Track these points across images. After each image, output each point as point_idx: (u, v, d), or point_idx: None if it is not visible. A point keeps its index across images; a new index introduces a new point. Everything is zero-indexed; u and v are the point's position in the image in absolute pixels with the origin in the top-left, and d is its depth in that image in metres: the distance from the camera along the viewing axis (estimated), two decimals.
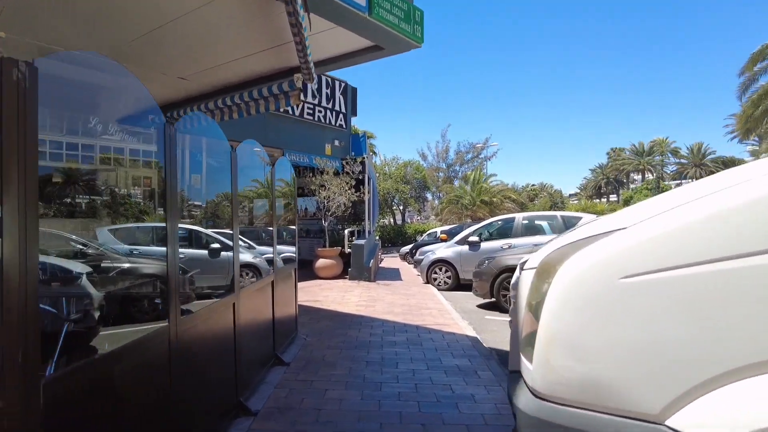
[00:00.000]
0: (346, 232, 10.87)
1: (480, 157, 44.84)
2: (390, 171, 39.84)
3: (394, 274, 14.28)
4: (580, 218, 10.67)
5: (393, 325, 6.25)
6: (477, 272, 8.63)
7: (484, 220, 29.75)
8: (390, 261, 23.62)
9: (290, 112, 11.13)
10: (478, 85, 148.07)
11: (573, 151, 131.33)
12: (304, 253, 13.35)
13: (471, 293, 10.51)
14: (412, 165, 42.07)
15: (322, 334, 5.73)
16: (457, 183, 43.53)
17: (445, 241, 19.38)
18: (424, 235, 24.76)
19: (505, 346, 5.33)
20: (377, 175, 36.28)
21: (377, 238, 28.59)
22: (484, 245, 10.88)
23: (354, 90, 13.26)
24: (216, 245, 6.27)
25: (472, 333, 5.91)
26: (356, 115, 13.33)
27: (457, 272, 11.08)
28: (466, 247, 11.03)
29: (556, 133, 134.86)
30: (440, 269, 11.34)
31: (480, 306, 8.65)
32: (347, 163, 11.39)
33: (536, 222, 11.26)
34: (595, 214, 19.17)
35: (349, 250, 10.69)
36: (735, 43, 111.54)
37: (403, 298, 8.62)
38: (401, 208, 41.22)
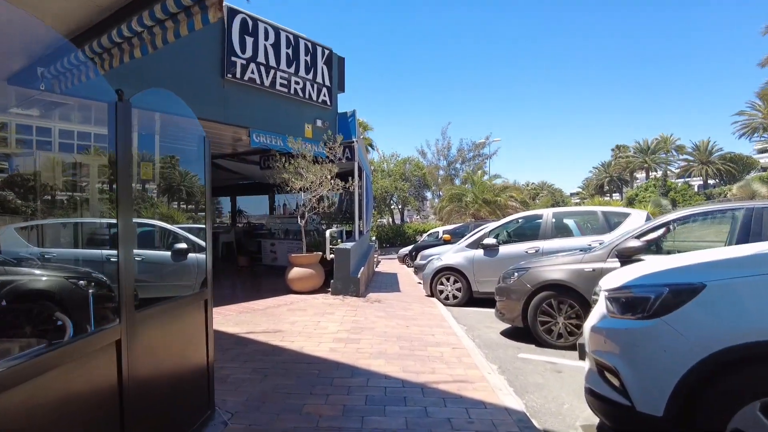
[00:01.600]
0: (327, 233, 8.51)
1: (481, 154, 42.96)
2: (389, 168, 37.56)
3: (390, 282, 11.94)
4: (626, 214, 8.34)
5: (384, 385, 3.89)
6: (503, 289, 6.29)
7: (486, 220, 27.75)
8: (388, 264, 21.32)
9: (258, 81, 8.79)
10: (478, 83, 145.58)
11: (573, 149, 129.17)
12: (282, 258, 11.03)
13: (486, 310, 8.19)
14: (412, 162, 39.82)
15: (261, 408, 3.38)
16: (458, 182, 41.45)
17: (448, 242, 17.15)
18: (425, 235, 22.33)
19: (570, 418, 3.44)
20: (373, 170, 33.97)
21: (373, 239, 26.27)
22: (504, 250, 8.56)
23: (341, 60, 10.92)
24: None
25: (513, 402, 3.56)
26: (344, 91, 11.00)
27: (468, 283, 8.76)
28: (479, 252, 8.70)
29: (556, 131, 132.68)
30: (447, 279, 9.02)
31: (506, 334, 6.32)
32: (330, 148, 9.04)
33: (570, 220, 8.94)
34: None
35: (332, 256, 8.34)
36: (744, 39, 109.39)
37: (401, 325, 6.29)
38: (400, 207, 38.90)
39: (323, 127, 10.20)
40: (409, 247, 21.45)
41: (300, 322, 6.12)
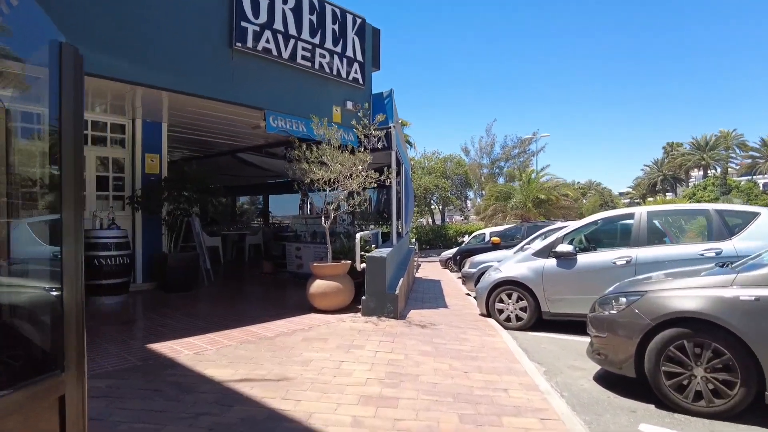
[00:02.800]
0: (357, 237, 6.82)
1: (528, 152, 40.51)
2: (429, 165, 35.70)
3: (434, 293, 10.19)
4: (753, 214, 6.27)
5: None
6: (602, 320, 4.42)
7: (532, 221, 25.53)
8: (429, 268, 19.56)
9: (274, 52, 7.23)
10: (523, 79, 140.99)
11: (620, 148, 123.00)
12: (307, 266, 9.46)
13: (562, 337, 6.32)
14: (453, 160, 37.82)
15: None
16: (502, 180, 39.14)
17: (497, 246, 15.21)
18: (469, 237, 20.34)
19: None
20: (411, 167, 32.20)
21: (413, 240, 24.47)
22: (584, 259, 6.66)
23: (376, 32, 9.24)
24: None
25: None
26: (379, 68, 9.35)
27: (536, 302, 6.90)
28: (551, 262, 6.83)
29: (602, 128, 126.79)
30: (509, 296, 7.17)
31: (604, 382, 4.46)
32: (365, 129, 7.35)
33: (671, 221, 6.93)
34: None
35: (363, 266, 6.67)
36: None
37: (458, 369, 4.52)
38: (440, 206, 36.96)
39: (354, 109, 8.55)
40: (453, 250, 19.59)
41: (316, 362, 4.46)
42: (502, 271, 7.39)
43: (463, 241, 32.10)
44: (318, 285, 6.58)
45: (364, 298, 6.52)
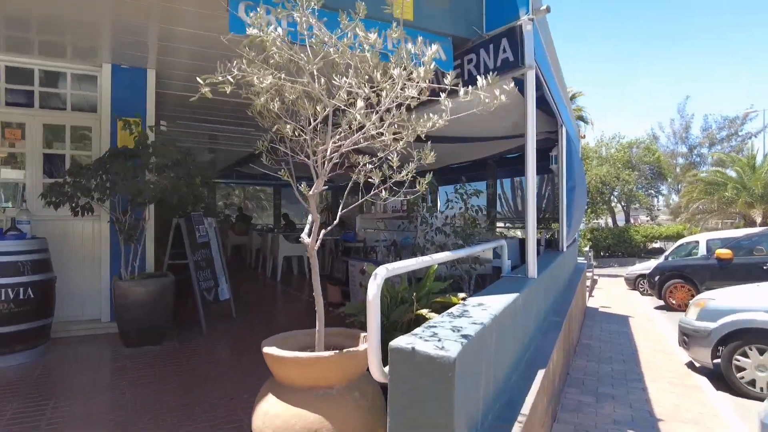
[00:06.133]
0: (373, 280, 2.39)
1: (740, 134, 30.67)
2: (608, 153, 28.47)
3: (620, 361, 5.29)
4: None
5: None
6: None
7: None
8: (607, 286, 13.93)
9: None
10: (726, 43, 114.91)
11: None
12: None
13: None
14: (640, 145, 29.83)
15: None
16: (704, 169, 29.77)
17: (725, 261, 9.84)
18: (673, 245, 13.74)
19: None
20: (584, 157, 25.55)
21: (585, 250, 18.15)
22: None
23: None
24: None
25: None
26: None
27: None
28: None
29: None
30: None
31: None
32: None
33: None
34: None
35: (383, 378, 2.22)
36: None
37: None
38: (623, 204, 29.34)
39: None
40: (648, 264, 13.53)
41: None
42: None
43: (659, 249, 24.44)
44: (270, 412, 2.36)
45: None
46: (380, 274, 2.06)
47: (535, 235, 4.01)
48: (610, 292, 13.45)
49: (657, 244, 25.58)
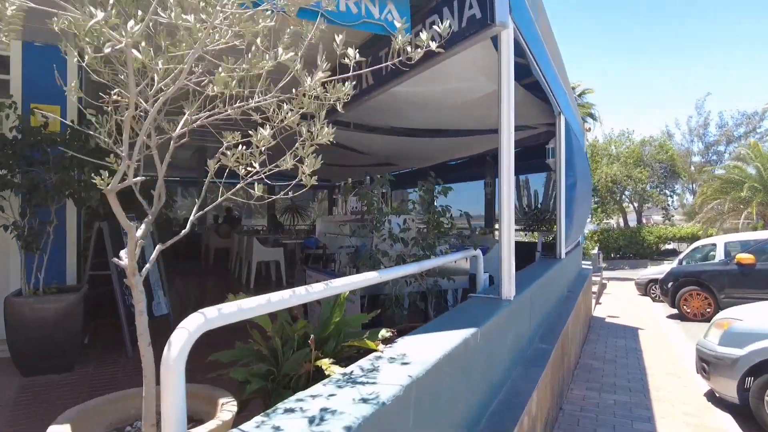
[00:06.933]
0: None
1: (758, 130, 29.56)
2: (618, 151, 27.24)
3: (625, 389, 4.27)
4: None
5: None
6: None
7: None
8: (617, 291, 12.97)
9: None
10: (745, 38, 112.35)
11: None
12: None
13: None
14: (653, 143, 28.52)
15: None
16: (721, 165, 28.42)
17: (747, 267, 8.93)
18: (688, 248, 12.66)
19: None
20: (593, 155, 24.45)
21: (593, 252, 17.10)
22: None
23: None
24: None
25: None
26: None
27: None
28: None
29: None
30: None
31: None
32: None
33: None
34: None
35: None
36: None
37: None
38: (635, 204, 28.12)
39: None
40: (661, 268, 12.52)
41: None
42: None
43: (672, 250, 23.26)
44: None
45: None
46: (176, 343, 1.14)
47: (511, 244, 3.13)
48: (620, 297, 12.46)
49: (670, 246, 24.40)
